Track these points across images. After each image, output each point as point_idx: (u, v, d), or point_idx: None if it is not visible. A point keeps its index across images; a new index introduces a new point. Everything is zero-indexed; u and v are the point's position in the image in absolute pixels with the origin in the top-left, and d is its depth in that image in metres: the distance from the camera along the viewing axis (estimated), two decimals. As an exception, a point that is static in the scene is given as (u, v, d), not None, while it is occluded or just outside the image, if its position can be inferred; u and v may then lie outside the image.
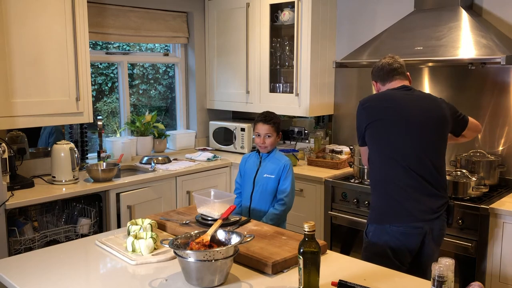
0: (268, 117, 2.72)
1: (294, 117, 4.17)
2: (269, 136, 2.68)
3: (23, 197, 2.78)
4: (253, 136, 2.74)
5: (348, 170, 3.47)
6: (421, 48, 2.91)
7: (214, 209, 2.13)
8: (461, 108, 3.24)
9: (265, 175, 2.69)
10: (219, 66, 4.30)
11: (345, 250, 3.25)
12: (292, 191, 2.66)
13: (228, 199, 2.17)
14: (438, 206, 2.22)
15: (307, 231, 1.54)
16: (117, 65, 4.08)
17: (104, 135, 3.82)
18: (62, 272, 1.76)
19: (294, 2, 3.64)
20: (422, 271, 2.17)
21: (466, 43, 2.78)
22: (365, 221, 2.36)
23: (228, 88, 4.25)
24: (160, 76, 4.53)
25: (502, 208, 2.57)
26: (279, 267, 1.73)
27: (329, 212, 3.28)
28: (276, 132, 2.71)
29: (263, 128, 2.69)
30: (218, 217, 2.04)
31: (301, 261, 1.53)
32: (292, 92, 3.77)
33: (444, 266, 1.37)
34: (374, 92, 2.52)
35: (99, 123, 3.58)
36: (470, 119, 2.49)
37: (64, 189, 3.01)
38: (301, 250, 1.53)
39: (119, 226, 3.16)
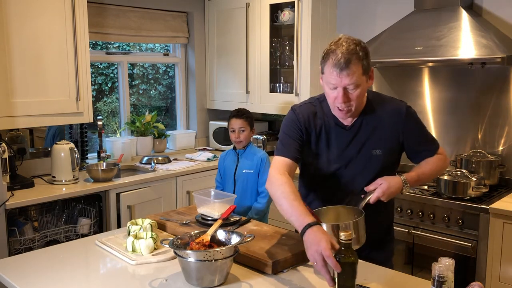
0: (240, 112, 2.88)
1: (294, 117, 4.17)
2: (243, 131, 2.82)
3: (23, 197, 2.78)
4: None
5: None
6: (421, 48, 2.91)
7: (214, 209, 2.13)
8: (461, 108, 3.27)
9: (244, 171, 2.78)
10: (219, 66, 4.29)
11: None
12: None
13: (228, 199, 2.17)
14: None
15: (344, 240, 1.42)
16: (117, 65, 4.08)
17: (104, 135, 3.82)
18: (62, 272, 1.76)
19: (294, 2, 3.64)
20: None
21: (466, 43, 2.78)
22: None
23: (228, 88, 4.25)
24: (160, 76, 4.53)
25: (502, 208, 2.57)
26: (279, 267, 1.72)
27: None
28: (250, 126, 2.85)
29: (236, 123, 2.83)
30: (218, 217, 2.04)
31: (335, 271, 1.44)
32: (292, 92, 3.77)
33: (444, 266, 1.37)
34: (371, 82, 1.83)
35: (99, 123, 3.59)
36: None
37: (64, 189, 3.01)
38: (336, 259, 1.42)
39: (119, 226, 3.16)
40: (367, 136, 1.86)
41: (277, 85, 3.95)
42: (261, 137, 3.84)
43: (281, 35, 3.97)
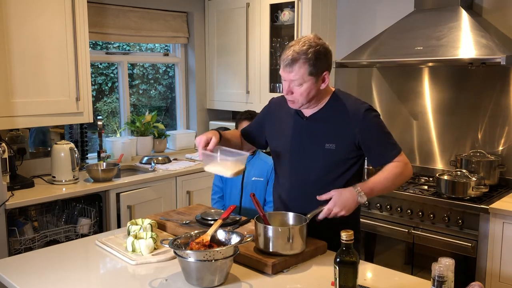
0: (253, 115, 2.67)
1: (294, 117, 4.17)
2: None
3: (23, 197, 2.78)
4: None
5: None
6: (421, 48, 2.91)
7: (227, 167, 1.87)
8: (461, 108, 3.26)
9: (253, 178, 2.64)
10: (219, 66, 4.30)
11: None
12: None
13: (242, 157, 1.89)
14: None
15: (345, 240, 1.45)
16: (117, 65, 4.08)
17: (104, 135, 3.82)
18: (62, 272, 1.76)
19: (294, 2, 3.64)
20: None
21: (466, 43, 2.78)
22: (367, 222, 2.34)
23: (228, 88, 4.25)
24: (160, 76, 4.53)
25: (502, 208, 2.57)
26: (279, 267, 1.72)
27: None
28: None
29: None
30: (230, 176, 1.91)
31: (336, 271, 1.46)
32: (292, 92, 3.76)
33: (444, 266, 1.37)
34: (323, 85, 1.88)
35: (99, 123, 3.59)
36: None
37: (64, 189, 3.01)
38: (338, 260, 1.45)
39: (119, 226, 3.16)
40: (322, 129, 1.93)
41: (277, 85, 3.95)
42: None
43: (281, 35, 3.97)
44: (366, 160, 2.03)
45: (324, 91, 1.91)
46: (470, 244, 2.66)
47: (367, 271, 1.76)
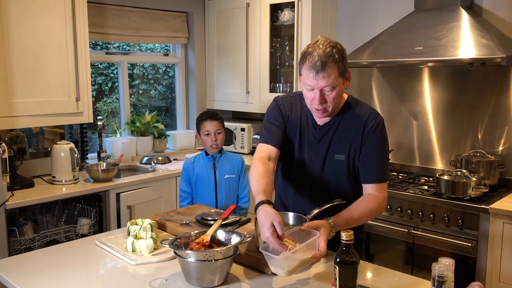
0: (214, 114, 2.68)
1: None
2: (219, 133, 2.66)
3: (23, 197, 2.78)
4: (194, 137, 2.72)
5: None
6: (421, 48, 2.91)
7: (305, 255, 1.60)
8: (461, 108, 3.27)
9: (226, 176, 2.66)
10: (219, 66, 4.30)
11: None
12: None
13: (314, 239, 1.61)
14: None
15: (345, 240, 1.45)
16: (117, 65, 4.08)
17: (104, 135, 3.83)
18: (62, 272, 1.76)
19: (294, 2, 3.64)
20: None
21: (466, 43, 2.78)
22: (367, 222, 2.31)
23: (228, 88, 4.25)
24: (160, 76, 4.53)
25: (502, 208, 2.57)
26: (279, 267, 1.72)
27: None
28: (224, 127, 2.69)
29: (211, 125, 2.64)
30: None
31: (336, 271, 1.46)
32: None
33: (444, 266, 1.37)
34: (348, 84, 1.86)
35: (99, 123, 3.59)
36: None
37: (64, 189, 3.02)
38: (338, 260, 1.45)
39: (119, 226, 3.16)
40: (333, 140, 1.88)
41: (277, 85, 3.96)
42: (261, 137, 3.83)
43: (281, 35, 3.97)
44: None
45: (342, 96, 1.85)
46: (470, 244, 2.66)
47: (367, 271, 1.76)
